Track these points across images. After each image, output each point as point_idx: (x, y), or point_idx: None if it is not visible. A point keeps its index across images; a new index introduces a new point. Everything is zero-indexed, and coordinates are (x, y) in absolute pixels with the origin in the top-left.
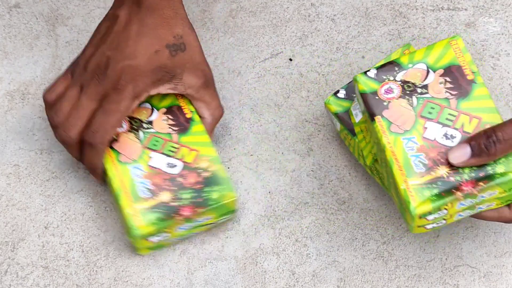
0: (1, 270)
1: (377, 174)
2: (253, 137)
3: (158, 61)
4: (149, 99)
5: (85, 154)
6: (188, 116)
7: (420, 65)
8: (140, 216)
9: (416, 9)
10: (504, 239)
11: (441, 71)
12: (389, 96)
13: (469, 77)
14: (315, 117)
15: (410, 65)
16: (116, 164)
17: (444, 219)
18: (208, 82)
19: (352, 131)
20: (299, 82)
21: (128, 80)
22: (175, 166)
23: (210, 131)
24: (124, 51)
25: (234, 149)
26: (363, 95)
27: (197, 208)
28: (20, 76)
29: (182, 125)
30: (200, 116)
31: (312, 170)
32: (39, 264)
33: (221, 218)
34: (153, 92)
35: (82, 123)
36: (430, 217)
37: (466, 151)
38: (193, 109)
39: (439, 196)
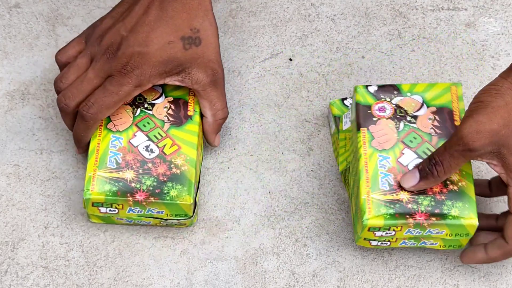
0: (1, 270)
1: (344, 181)
2: (253, 137)
3: (169, 53)
4: (164, 86)
5: (76, 124)
6: (189, 113)
7: (417, 96)
8: (96, 182)
9: (416, 9)
10: None
11: (434, 109)
12: (381, 114)
13: (456, 123)
14: (315, 117)
15: (409, 94)
16: (102, 128)
17: (389, 241)
18: (216, 82)
19: None
20: (299, 82)
21: (135, 67)
22: (152, 152)
23: (210, 132)
24: (138, 36)
25: (234, 149)
26: (357, 105)
27: (151, 197)
28: (20, 76)
29: (179, 119)
30: (202, 115)
31: (312, 170)
32: (39, 264)
33: (174, 218)
34: (158, 82)
35: (83, 96)
36: (378, 233)
37: (416, 175)
38: (197, 109)
39: (393, 216)
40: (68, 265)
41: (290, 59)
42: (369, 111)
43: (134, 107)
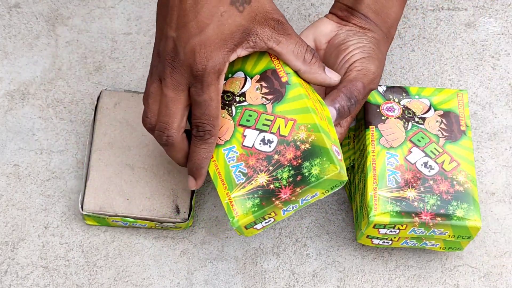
0: (1, 270)
1: None
2: None
3: (228, 25)
4: (243, 67)
5: (193, 151)
6: (284, 79)
7: (425, 100)
8: (236, 205)
9: (416, 9)
10: (504, 239)
11: (441, 112)
12: (389, 113)
13: (462, 128)
14: None
15: (417, 97)
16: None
17: (391, 240)
18: (285, 29)
19: None
20: None
21: (204, 61)
22: (270, 142)
23: (318, 76)
24: (187, 28)
25: None
26: (366, 103)
27: (297, 187)
28: (20, 76)
29: (277, 92)
30: (295, 71)
31: None
32: (39, 264)
33: (331, 191)
34: (233, 58)
35: (177, 119)
36: (382, 231)
37: (333, 113)
38: (289, 70)
39: (399, 214)
40: (68, 265)
41: None
42: (377, 110)
43: (227, 107)
